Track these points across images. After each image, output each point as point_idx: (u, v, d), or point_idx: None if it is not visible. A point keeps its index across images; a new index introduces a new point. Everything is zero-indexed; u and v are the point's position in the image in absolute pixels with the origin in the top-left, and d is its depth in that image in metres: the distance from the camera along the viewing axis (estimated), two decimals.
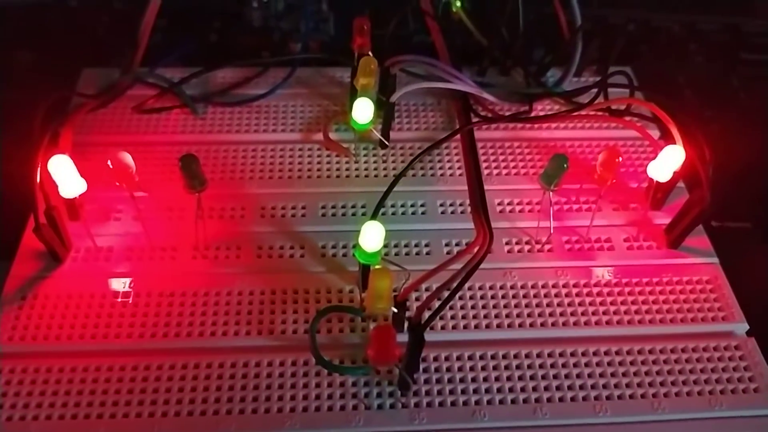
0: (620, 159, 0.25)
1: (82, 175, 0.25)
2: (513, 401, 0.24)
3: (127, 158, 0.24)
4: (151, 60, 0.34)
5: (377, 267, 0.23)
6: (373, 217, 0.24)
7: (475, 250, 0.24)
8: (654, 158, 0.28)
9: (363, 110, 0.27)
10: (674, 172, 0.27)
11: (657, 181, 0.28)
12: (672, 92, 0.39)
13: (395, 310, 0.23)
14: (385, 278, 0.22)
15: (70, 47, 0.37)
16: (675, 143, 0.27)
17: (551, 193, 0.26)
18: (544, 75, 0.35)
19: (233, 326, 0.25)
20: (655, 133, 0.32)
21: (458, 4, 0.35)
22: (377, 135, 0.30)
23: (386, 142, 0.30)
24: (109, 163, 0.24)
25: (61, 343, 0.24)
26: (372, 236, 0.23)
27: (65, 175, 0.24)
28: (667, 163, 0.26)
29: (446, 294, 0.23)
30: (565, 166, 0.25)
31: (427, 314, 0.23)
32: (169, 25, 0.38)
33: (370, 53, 0.31)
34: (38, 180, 0.24)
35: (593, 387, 0.24)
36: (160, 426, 0.22)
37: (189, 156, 0.24)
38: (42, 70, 0.37)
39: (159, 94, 0.32)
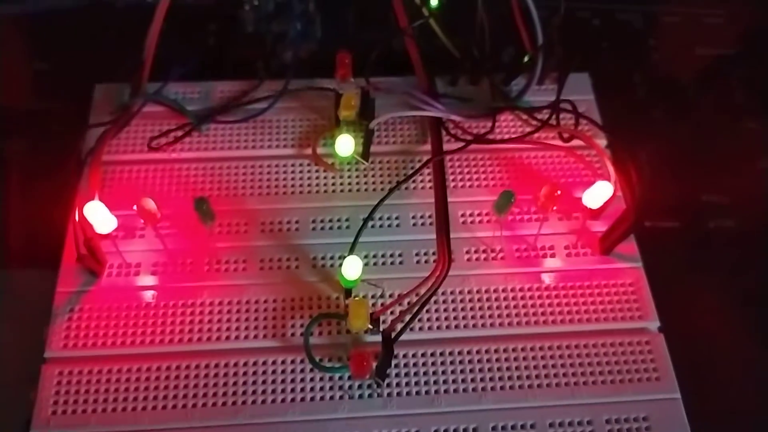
0: (559, 192, 0.30)
1: (105, 195, 0.31)
2: (464, 390, 0.30)
3: (150, 204, 0.29)
4: (155, 69, 0.38)
5: (357, 299, 0.28)
6: (351, 250, 0.30)
7: (436, 275, 0.29)
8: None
9: (344, 146, 0.32)
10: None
11: None
12: (627, 91, 0.42)
13: (371, 327, 0.29)
14: (361, 308, 0.28)
15: (81, 58, 0.41)
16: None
17: (501, 218, 0.31)
18: (509, 84, 0.39)
19: (243, 331, 0.31)
20: (603, 141, 0.37)
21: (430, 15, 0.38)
22: (359, 159, 0.35)
23: (365, 162, 0.35)
24: (134, 207, 0.29)
25: (106, 348, 0.30)
26: (352, 269, 0.29)
27: (99, 218, 0.29)
28: (598, 196, 0.31)
29: (412, 308, 0.29)
30: (512, 200, 0.30)
31: (390, 321, 0.29)
32: (167, 29, 0.41)
33: (352, 79, 0.35)
34: (76, 218, 0.30)
35: (527, 377, 0.30)
36: (192, 415, 0.29)
37: (200, 199, 0.29)
38: (54, 80, 0.41)
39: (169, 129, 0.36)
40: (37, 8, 0.41)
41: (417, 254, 0.34)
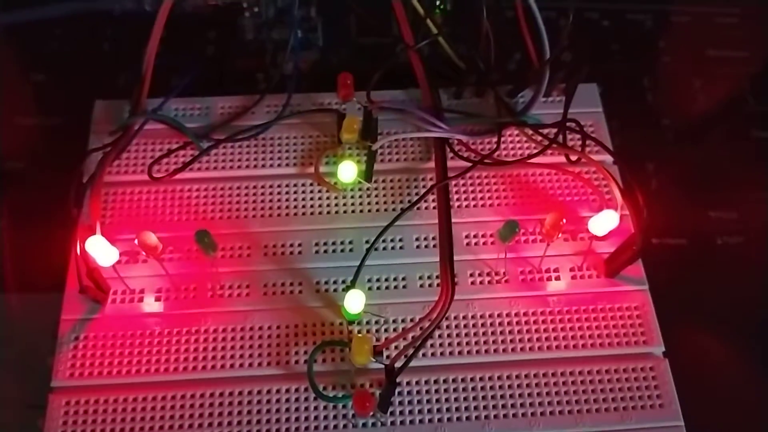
0: (564, 221, 0.30)
1: (105, 219, 0.31)
2: (467, 418, 0.30)
3: (151, 238, 0.29)
4: (154, 79, 0.37)
5: (359, 335, 0.28)
6: (354, 282, 0.29)
7: (439, 308, 0.29)
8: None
9: (347, 172, 0.32)
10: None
11: None
12: (636, 97, 0.41)
13: (374, 360, 0.29)
14: (364, 344, 0.28)
15: (78, 68, 0.40)
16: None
17: (506, 245, 0.31)
18: (516, 96, 0.38)
19: (248, 359, 0.31)
20: (611, 158, 0.36)
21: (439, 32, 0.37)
22: (362, 181, 0.34)
23: (368, 184, 0.34)
24: (135, 241, 0.29)
25: (111, 378, 0.30)
26: (354, 302, 0.28)
27: (101, 252, 0.29)
28: (604, 224, 0.30)
29: (416, 341, 0.29)
30: (516, 230, 0.30)
31: (394, 353, 0.29)
32: (165, 38, 0.40)
33: (354, 98, 0.34)
34: (78, 252, 0.29)
35: (531, 405, 0.31)
36: None
37: (202, 231, 0.29)
38: (52, 91, 0.40)
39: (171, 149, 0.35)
40: (32, 17, 0.40)
41: (420, 278, 0.33)
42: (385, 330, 0.32)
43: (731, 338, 0.34)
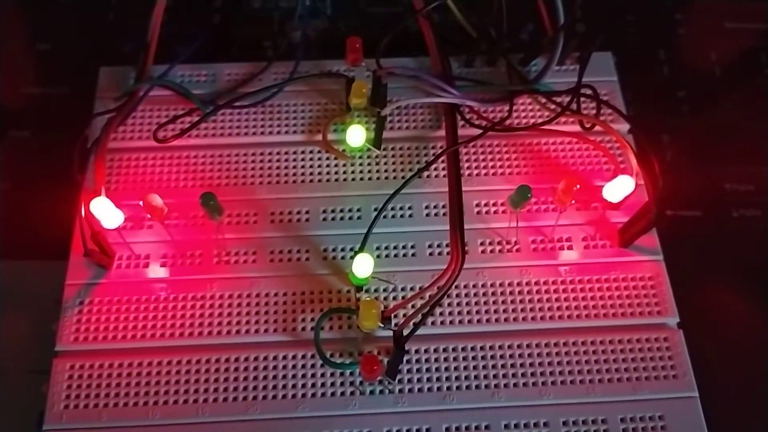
0: (578, 186, 0.29)
1: (111, 185, 0.31)
2: (476, 387, 0.30)
3: (156, 200, 0.28)
4: (160, 46, 0.36)
5: (367, 299, 0.28)
6: (362, 247, 0.29)
7: (448, 275, 0.28)
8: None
9: (355, 136, 0.31)
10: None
11: None
12: (651, 69, 0.41)
13: (381, 325, 0.29)
14: (372, 308, 0.27)
15: (83, 35, 0.40)
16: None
17: (517, 213, 0.30)
18: (528, 64, 0.37)
19: (254, 325, 0.31)
20: (626, 126, 0.35)
21: None
22: (371, 147, 0.33)
23: (377, 150, 0.34)
24: (140, 203, 0.28)
25: (116, 342, 0.30)
26: (362, 267, 0.28)
27: (106, 214, 0.28)
28: (619, 190, 0.30)
29: (424, 307, 0.28)
30: (528, 196, 0.29)
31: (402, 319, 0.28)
32: (171, 5, 0.39)
33: (363, 64, 0.34)
34: (83, 214, 0.29)
35: (541, 374, 0.30)
36: (203, 410, 0.29)
37: (207, 194, 0.29)
38: (57, 60, 0.40)
39: (176, 116, 0.35)
40: None
41: (430, 246, 0.33)
42: (393, 298, 0.31)
43: (746, 310, 0.34)
